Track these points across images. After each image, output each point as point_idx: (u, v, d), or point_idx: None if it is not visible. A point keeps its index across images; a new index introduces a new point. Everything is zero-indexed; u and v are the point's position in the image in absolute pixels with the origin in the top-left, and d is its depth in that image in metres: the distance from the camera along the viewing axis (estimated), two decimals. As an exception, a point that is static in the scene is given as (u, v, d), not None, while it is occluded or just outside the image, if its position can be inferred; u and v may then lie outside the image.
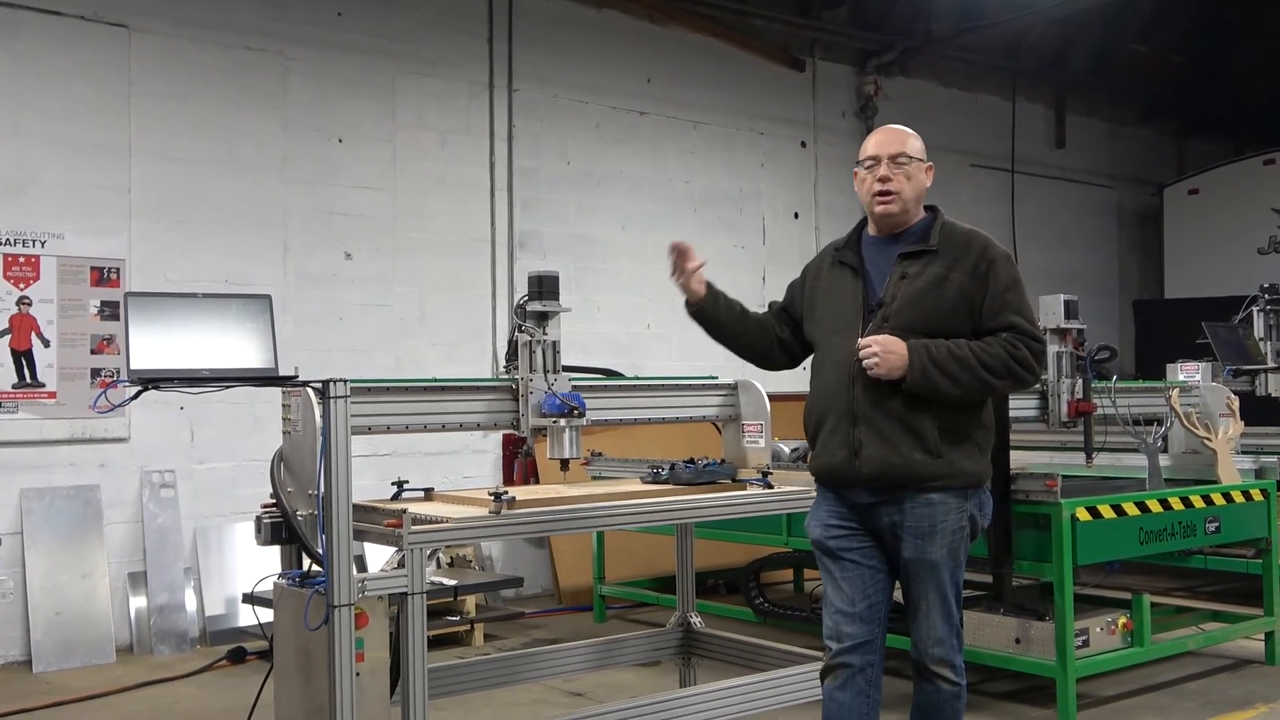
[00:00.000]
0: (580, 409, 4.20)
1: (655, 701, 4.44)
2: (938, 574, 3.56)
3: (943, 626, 3.59)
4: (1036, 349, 3.56)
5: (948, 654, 3.62)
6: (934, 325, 3.53)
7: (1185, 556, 6.71)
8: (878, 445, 3.51)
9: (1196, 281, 12.03)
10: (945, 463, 3.51)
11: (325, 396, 3.71)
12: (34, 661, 6.49)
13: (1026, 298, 3.66)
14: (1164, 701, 5.55)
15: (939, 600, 3.57)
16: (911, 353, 3.45)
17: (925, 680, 3.65)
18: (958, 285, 3.55)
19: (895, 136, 3.74)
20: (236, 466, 7.34)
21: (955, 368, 3.46)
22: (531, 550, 8.48)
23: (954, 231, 3.67)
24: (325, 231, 7.84)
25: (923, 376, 3.45)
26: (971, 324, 3.56)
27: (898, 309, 3.56)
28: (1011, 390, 3.67)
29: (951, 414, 3.52)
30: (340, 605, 3.64)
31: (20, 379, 6.72)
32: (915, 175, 3.68)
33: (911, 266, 3.60)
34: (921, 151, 3.72)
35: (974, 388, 3.49)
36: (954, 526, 3.55)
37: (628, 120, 9.29)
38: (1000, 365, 3.49)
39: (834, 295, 3.74)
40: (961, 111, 11.56)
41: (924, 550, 3.54)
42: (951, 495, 3.54)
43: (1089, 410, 5.61)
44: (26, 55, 6.84)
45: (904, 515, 3.55)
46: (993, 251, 3.62)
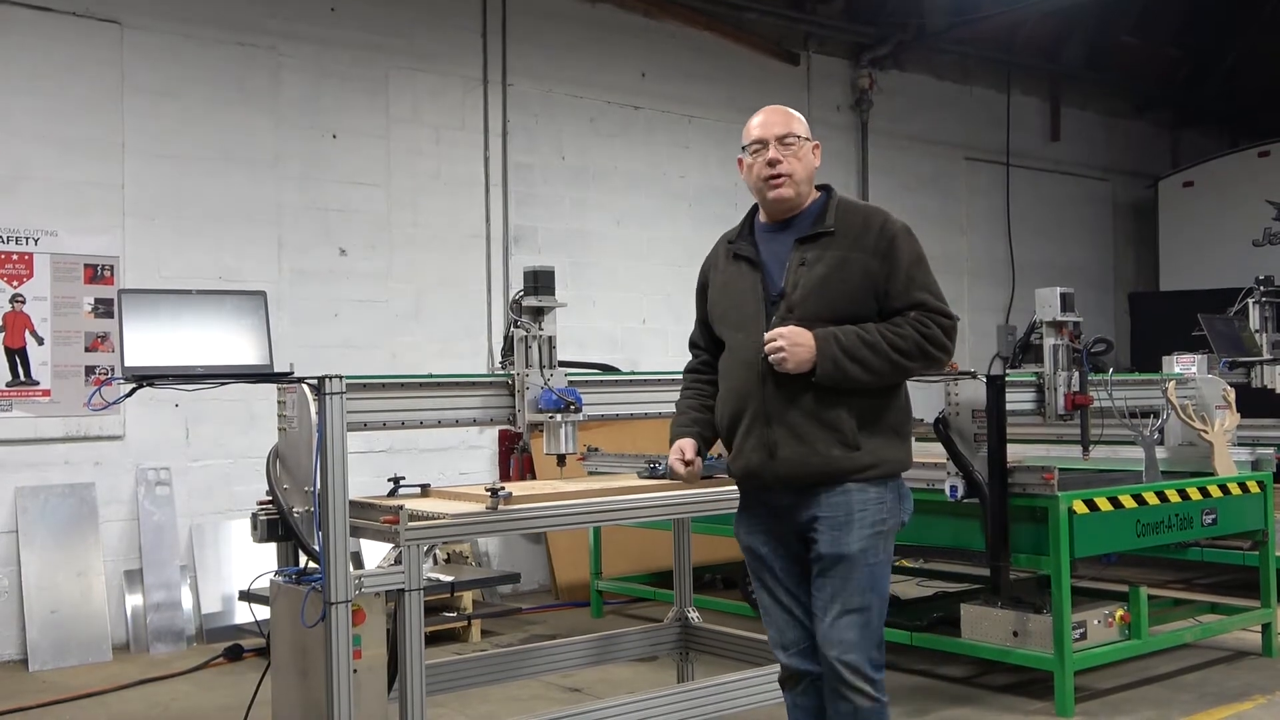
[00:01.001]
0: (576, 404, 4.20)
1: (653, 696, 4.44)
2: (854, 569, 3.30)
3: (857, 631, 3.29)
4: (947, 325, 3.36)
5: (861, 663, 3.29)
6: (840, 311, 3.32)
7: (1182, 549, 6.73)
8: (794, 445, 3.31)
9: (1191, 274, 12.04)
10: (865, 454, 3.31)
11: (321, 393, 3.71)
12: (30, 660, 6.47)
13: (931, 273, 3.45)
14: (1161, 694, 5.55)
15: (854, 598, 3.30)
16: (819, 342, 3.25)
17: (838, 697, 3.32)
18: (860, 266, 3.34)
19: (780, 117, 3.50)
20: (232, 464, 7.32)
21: (866, 353, 3.26)
22: (528, 546, 8.47)
23: (850, 210, 3.47)
24: (319, 228, 7.82)
25: (834, 367, 3.25)
26: (877, 306, 3.36)
27: (800, 298, 3.34)
28: (924, 371, 3.42)
29: (867, 402, 3.33)
30: (337, 602, 3.64)
31: (14, 377, 6.70)
32: (805, 156, 3.47)
33: (809, 252, 3.38)
34: (808, 130, 3.52)
35: (887, 372, 3.30)
36: (873, 518, 3.33)
37: (622, 115, 9.27)
38: (912, 346, 3.30)
39: (733, 290, 3.52)
40: (956, 105, 11.56)
41: (839, 543, 3.30)
42: (870, 485, 3.34)
43: (1085, 403, 5.61)
44: (18, 51, 6.81)
45: (820, 507, 3.33)
46: (892, 227, 3.42)
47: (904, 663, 6.02)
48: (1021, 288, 11.46)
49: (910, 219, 10.52)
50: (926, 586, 7.29)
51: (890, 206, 10.69)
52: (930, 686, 5.72)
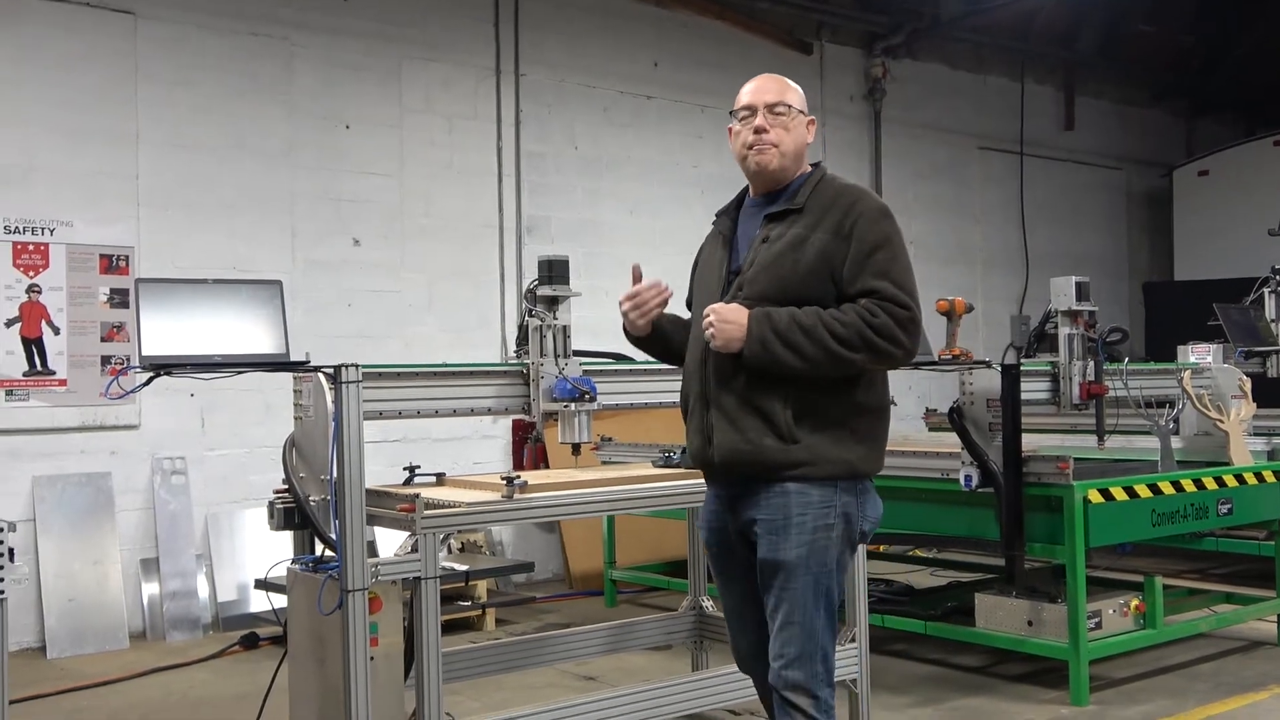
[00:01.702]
0: (591, 393, 4.19)
1: (668, 685, 4.45)
2: (793, 579, 3.05)
3: (799, 644, 3.05)
4: (902, 316, 3.01)
5: (804, 679, 3.05)
6: (790, 293, 3.07)
7: (1197, 538, 6.71)
8: (727, 430, 3.10)
9: (1207, 263, 11.98)
10: (803, 449, 3.04)
11: (337, 382, 3.71)
12: (48, 648, 6.52)
13: (902, 259, 3.12)
14: (1176, 683, 5.55)
15: (796, 611, 3.05)
16: (750, 322, 3.02)
17: (781, 712, 3.10)
18: (818, 246, 3.08)
19: (773, 84, 3.28)
20: (247, 453, 7.35)
21: (799, 338, 2.98)
22: (542, 535, 8.49)
23: (827, 188, 3.20)
24: (333, 218, 7.83)
25: (761, 348, 3.00)
26: (834, 290, 3.09)
27: (752, 276, 3.14)
28: (875, 365, 3.08)
29: (809, 393, 3.05)
30: (354, 590, 3.65)
31: (31, 367, 6.73)
32: (795, 128, 3.24)
33: (774, 228, 3.17)
34: (803, 103, 3.29)
35: (823, 361, 2.99)
36: (815, 524, 3.05)
37: (635, 104, 9.27)
38: (854, 335, 2.98)
39: (706, 266, 3.38)
40: (970, 94, 11.52)
41: (776, 549, 3.06)
42: (813, 487, 3.06)
43: (1101, 392, 5.59)
44: (32, 42, 6.83)
45: (758, 509, 3.10)
46: (861, 206, 3.12)
47: (918, 652, 6.02)
48: (1035, 277, 11.43)
49: (924, 208, 10.54)
50: (940, 576, 7.29)
51: (904, 195, 10.74)
52: (944, 676, 5.72)
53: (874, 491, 3.22)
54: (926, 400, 9.57)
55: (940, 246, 11.06)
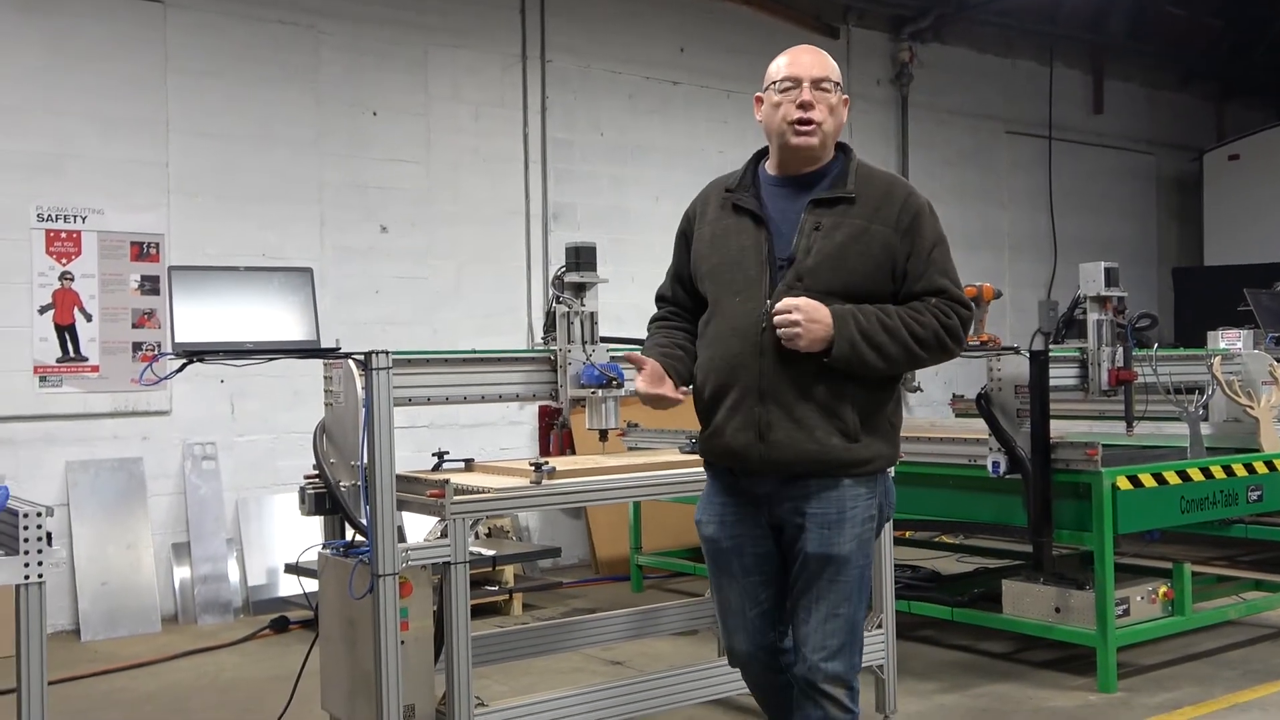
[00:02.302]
0: (619, 379, 4.21)
1: (694, 670, 4.47)
2: (844, 571, 3.06)
3: (841, 636, 3.06)
4: (966, 317, 3.08)
5: (843, 671, 3.07)
6: (854, 287, 3.03)
7: (1226, 525, 6.67)
8: (790, 429, 3.01)
9: (1237, 248, 11.88)
10: (864, 447, 3.05)
11: (368, 368, 3.74)
12: (82, 630, 6.60)
13: (951, 257, 3.15)
14: (1205, 671, 5.53)
15: (842, 603, 3.06)
16: (837, 321, 2.95)
17: (811, 703, 3.09)
18: (881, 240, 3.04)
19: (817, 58, 3.15)
20: (276, 439, 7.41)
21: (885, 339, 2.97)
22: (568, 521, 8.53)
23: (872, 177, 3.15)
24: (360, 205, 7.87)
25: (850, 349, 2.95)
26: (892, 286, 3.07)
27: (812, 267, 3.02)
28: (935, 363, 3.12)
29: (872, 393, 3.07)
30: (385, 575, 3.69)
31: (64, 353, 6.81)
32: (837, 108, 3.14)
33: (825, 217, 3.06)
34: (840, 77, 3.19)
35: (902, 361, 3.02)
36: (864, 515, 3.08)
37: (661, 90, 9.26)
38: (931, 336, 3.01)
39: (730, 247, 3.16)
40: (998, 78, 11.45)
41: (830, 543, 3.04)
42: (862, 482, 3.09)
43: (1130, 378, 5.57)
44: (63, 32, 6.89)
45: (809, 503, 3.06)
46: (916, 202, 3.12)
47: (945, 638, 6.02)
48: (1064, 263, 11.36)
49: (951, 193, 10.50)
50: (967, 562, 7.27)
51: (931, 181, 10.71)
52: (971, 662, 5.72)
53: (891, 479, 3.27)
54: (953, 386, 9.54)
55: (968, 232, 11.01)
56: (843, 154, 3.22)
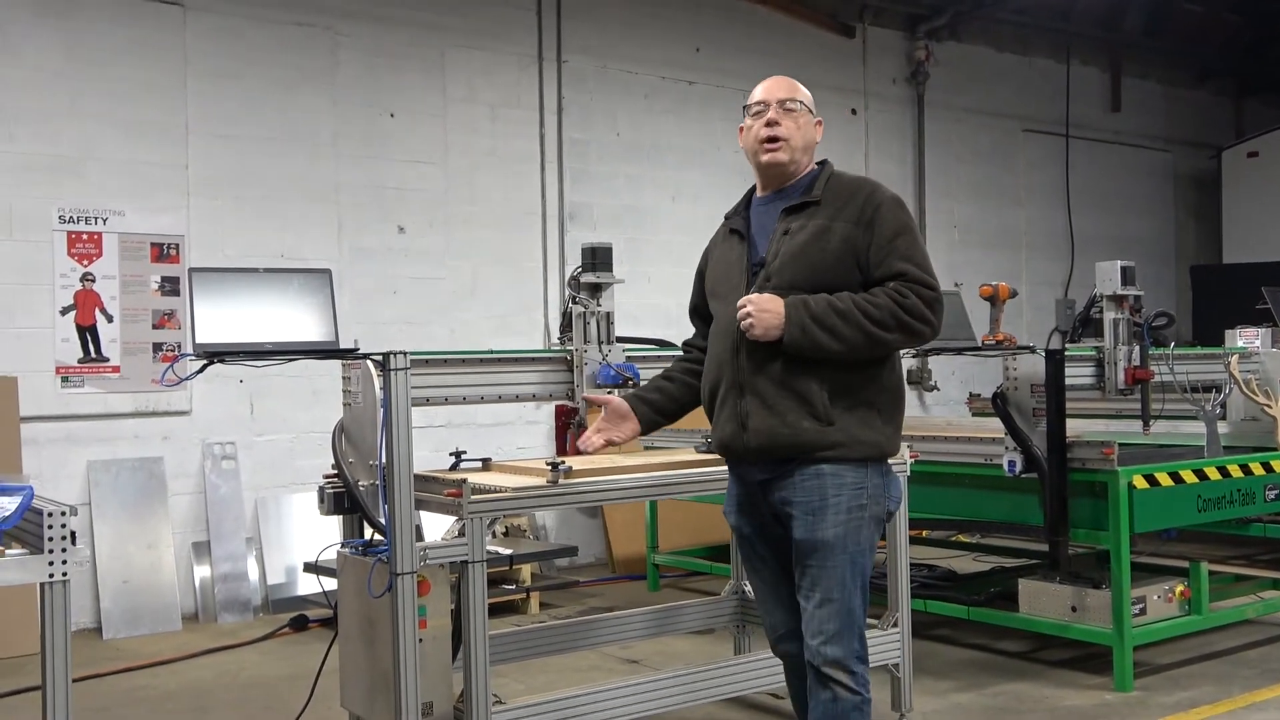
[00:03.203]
0: (634, 379, 4.24)
1: (711, 668, 4.48)
2: (831, 557, 3.19)
3: (836, 621, 3.20)
4: (928, 296, 3.19)
5: (842, 656, 3.20)
6: (819, 280, 3.22)
7: (1244, 524, 6.65)
8: (764, 415, 3.22)
9: (1255, 246, 11.83)
10: (838, 430, 3.19)
11: (386, 369, 3.77)
12: (103, 628, 6.67)
13: (920, 244, 3.31)
14: (1222, 670, 5.52)
15: (834, 589, 3.19)
16: (788, 309, 3.16)
17: (821, 686, 3.24)
18: (841, 235, 3.24)
19: (784, 83, 3.46)
20: (295, 438, 7.46)
21: (836, 321, 3.13)
22: (585, 520, 8.56)
23: (840, 181, 3.37)
24: (378, 206, 7.92)
25: (801, 333, 3.14)
26: (859, 276, 3.24)
27: (779, 266, 3.27)
28: (906, 345, 3.27)
29: (843, 375, 3.21)
30: (403, 573, 3.71)
31: (86, 354, 6.87)
32: (805, 124, 3.41)
33: (794, 221, 3.31)
34: (811, 102, 3.46)
35: (859, 343, 3.15)
36: (850, 504, 3.21)
37: (677, 90, 9.27)
38: (887, 316, 3.15)
39: (723, 263, 3.49)
40: (1015, 76, 11.42)
41: (814, 529, 3.20)
42: (847, 469, 3.21)
43: (1146, 377, 5.56)
44: (84, 35, 6.96)
45: (794, 490, 3.23)
46: (879, 196, 3.30)
47: (961, 637, 6.02)
48: (1081, 261, 11.33)
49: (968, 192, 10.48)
50: (983, 561, 7.28)
51: (947, 179, 10.68)
52: (987, 661, 5.73)
53: (894, 472, 3.39)
54: (970, 385, 9.54)
55: (984, 231, 11.00)
56: (819, 167, 3.47)
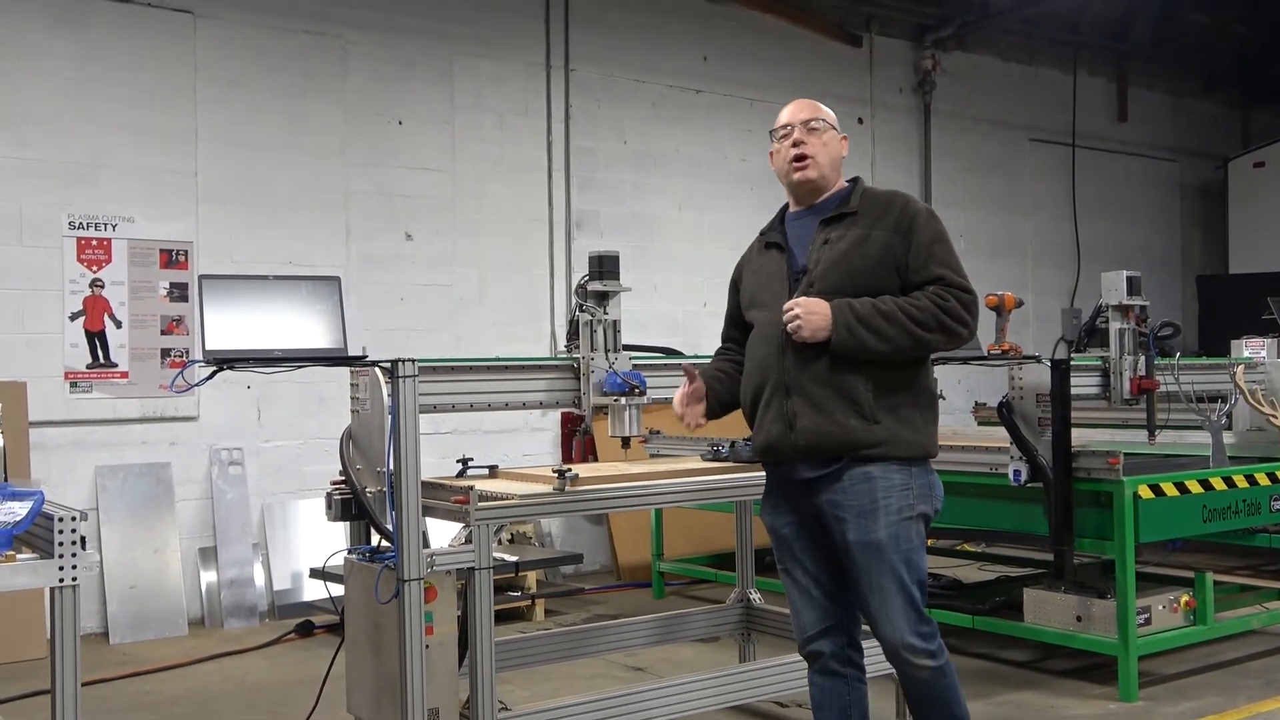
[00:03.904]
0: (641, 387, 4.25)
1: (716, 676, 4.50)
2: (885, 556, 3.35)
3: (902, 613, 3.37)
4: (966, 300, 3.38)
5: (917, 641, 3.38)
6: (860, 285, 3.38)
7: (1249, 535, 6.65)
8: (812, 414, 3.36)
9: (1262, 256, 11.82)
10: (883, 428, 3.34)
11: (394, 376, 3.79)
12: (110, 633, 6.69)
13: (954, 252, 3.48)
14: (1227, 680, 5.51)
15: (894, 586, 3.36)
16: (835, 311, 3.31)
17: (904, 673, 3.46)
18: (881, 242, 3.41)
19: (806, 105, 3.63)
20: (302, 444, 7.49)
21: (881, 323, 3.30)
22: (590, 527, 8.57)
23: (874, 194, 3.55)
24: (386, 213, 7.95)
25: (848, 334, 3.29)
26: (898, 281, 3.40)
27: (822, 272, 3.42)
28: (945, 346, 3.43)
29: (885, 375, 3.36)
30: (410, 580, 3.73)
31: (94, 359, 6.91)
32: (830, 142, 3.57)
33: (833, 231, 3.47)
34: (835, 121, 3.62)
35: (903, 343, 3.32)
36: (899, 504, 3.36)
37: (684, 99, 9.30)
38: (929, 318, 3.32)
39: (762, 275, 3.62)
40: (1021, 86, 11.44)
41: (867, 531, 3.35)
42: (894, 470, 3.36)
43: (1152, 387, 5.57)
44: (95, 43, 7.00)
45: (843, 494, 3.37)
46: (914, 207, 3.48)
47: (966, 646, 6.02)
48: (1087, 271, 11.33)
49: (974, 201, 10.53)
50: (989, 570, 7.28)
51: (954, 189, 10.73)
52: (992, 670, 5.73)
53: (934, 472, 3.51)
54: (975, 394, 9.54)
55: (990, 240, 11.01)
56: (851, 182, 3.61)
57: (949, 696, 3.47)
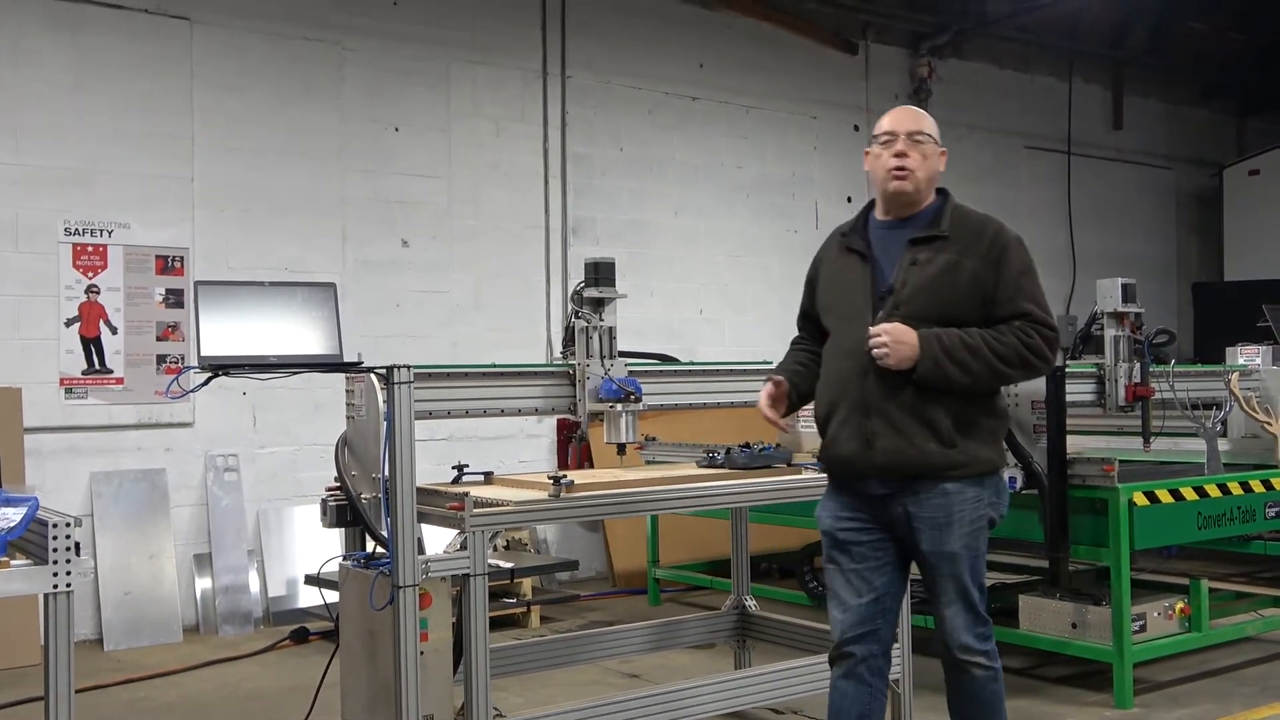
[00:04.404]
0: (637, 394, 4.25)
1: (711, 682, 4.50)
2: (956, 565, 3.50)
3: (965, 616, 3.53)
4: (1050, 336, 3.48)
5: (975, 643, 3.55)
6: (945, 312, 3.45)
7: (1244, 542, 6.65)
8: (892, 437, 3.45)
9: (1257, 264, 11.85)
10: (959, 452, 3.45)
11: (389, 382, 3.79)
12: (105, 640, 6.68)
13: (1040, 284, 3.57)
14: (1222, 687, 5.52)
15: (959, 592, 3.51)
16: (923, 342, 3.39)
17: (958, 670, 3.59)
18: (970, 272, 3.47)
19: (912, 115, 3.66)
20: (297, 451, 7.48)
21: (967, 356, 3.39)
22: (586, 534, 8.57)
23: (966, 217, 3.58)
24: (382, 219, 7.95)
25: (934, 367, 3.39)
26: (983, 311, 3.48)
27: (909, 296, 3.47)
28: (1024, 379, 3.61)
29: (964, 403, 3.46)
30: (405, 586, 3.73)
31: (90, 365, 6.90)
32: (930, 156, 3.59)
33: (922, 253, 3.51)
34: (937, 134, 3.64)
35: (986, 377, 3.43)
36: (971, 516, 3.49)
37: (680, 106, 9.31)
38: (1013, 354, 3.43)
39: (842, 282, 3.66)
40: (1017, 93, 11.46)
41: (941, 542, 3.48)
42: (968, 485, 3.48)
43: (1147, 394, 5.58)
44: (92, 49, 7.00)
45: (920, 507, 3.48)
46: (1005, 237, 3.53)
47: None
48: (1082, 278, 11.34)
49: (969, 209, 10.08)
50: (984, 577, 7.26)
51: (949, 197, 10.25)
52: (987, 677, 5.72)
53: (1004, 479, 3.66)
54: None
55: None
56: (942, 197, 3.64)
57: (996, 706, 3.59)
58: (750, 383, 4.86)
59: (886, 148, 3.59)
